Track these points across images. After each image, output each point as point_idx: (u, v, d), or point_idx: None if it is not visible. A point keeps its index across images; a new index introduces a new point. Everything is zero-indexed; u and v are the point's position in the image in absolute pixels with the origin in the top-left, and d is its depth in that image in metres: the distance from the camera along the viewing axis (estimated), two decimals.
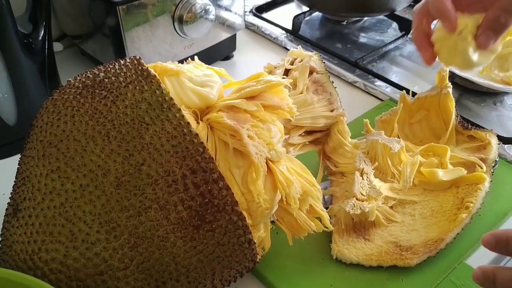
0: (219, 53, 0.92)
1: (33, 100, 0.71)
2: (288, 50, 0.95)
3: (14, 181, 0.48)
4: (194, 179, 0.43)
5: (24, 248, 0.44)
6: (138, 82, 0.45)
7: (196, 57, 0.53)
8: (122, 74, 0.46)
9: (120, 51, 0.77)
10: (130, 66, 0.46)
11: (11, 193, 0.47)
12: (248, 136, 0.45)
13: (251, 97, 0.48)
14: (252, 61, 0.95)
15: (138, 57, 0.47)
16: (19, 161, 0.48)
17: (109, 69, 0.47)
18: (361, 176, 0.59)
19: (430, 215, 0.59)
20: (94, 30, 0.82)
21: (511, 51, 0.77)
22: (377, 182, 0.60)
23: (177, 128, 0.43)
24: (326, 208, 0.61)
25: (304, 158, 0.65)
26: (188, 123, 0.43)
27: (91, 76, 0.46)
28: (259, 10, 1.07)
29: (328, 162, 0.63)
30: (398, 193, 0.61)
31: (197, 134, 0.43)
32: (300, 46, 0.64)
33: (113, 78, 0.45)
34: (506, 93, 0.82)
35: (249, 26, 1.02)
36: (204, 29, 0.82)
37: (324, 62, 0.63)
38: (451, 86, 0.67)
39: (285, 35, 0.99)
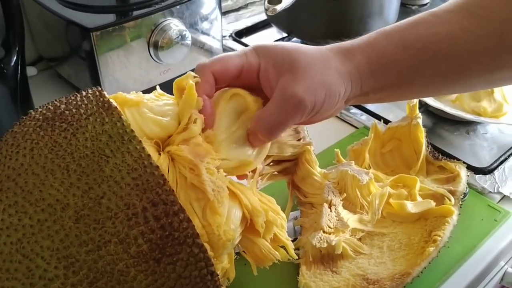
0: None
1: (4, 125, 0.71)
2: None
3: None
4: (155, 212, 0.42)
5: None
6: (99, 114, 0.45)
7: (157, 87, 0.53)
8: (83, 106, 0.45)
9: (94, 77, 0.77)
10: (91, 98, 0.46)
11: None
12: (208, 170, 0.45)
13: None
14: None
15: (100, 89, 0.47)
16: None
17: (70, 100, 0.46)
18: (329, 208, 0.59)
19: (398, 248, 0.59)
20: (69, 55, 0.83)
21: None
22: (345, 214, 0.60)
23: (138, 160, 0.43)
24: (295, 239, 0.61)
25: (275, 187, 0.65)
26: (149, 155, 0.43)
27: (52, 108, 0.46)
28: (239, 35, 1.08)
29: (297, 192, 0.63)
30: (366, 225, 0.61)
31: (157, 166, 0.43)
32: None
33: (74, 110, 0.45)
34: (479, 122, 0.83)
35: (228, 50, 1.02)
36: (180, 55, 0.82)
37: None
38: (421, 117, 0.68)
39: None
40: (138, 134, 0.45)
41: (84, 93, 0.48)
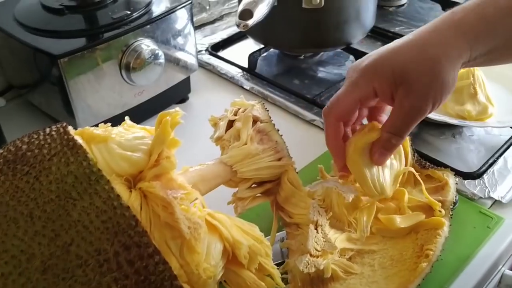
0: (173, 97, 0.89)
1: None
2: (245, 89, 0.94)
3: None
4: (128, 256, 0.40)
5: None
6: (64, 153, 0.42)
7: (127, 118, 0.50)
8: (46, 145, 0.43)
9: (66, 104, 0.74)
10: (55, 136, 0.43)
11: None
12: (182, 207, 0.42)
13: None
14: (208, 102, 0.92)
15: (64, 125, 0.45)
16: None
17: (32, 140, 0.44)
18: (316, 228, 0.57)
19: (390, 265, 0.57)
20: (39, 82, 0.80)
21: (466, 84, 0.76)
22: (333, 234, 0.57)
23: (107, 201, 0.41)
24: (283, 262, 0.59)
25: (260, 208, 0.63)
26: (118, 195, 0.41)
27: (13, 149, 0.43)
28: (215, 48, 1.05)
29: (282, 213, 0.61)
30: (356, 243, 0.58)
31: (128, 207, 0.41)
32: (242, 96, 0.62)
33: (36, 150, 0.43)
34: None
35: (204, 66, 1.00)
36: (153, 75, 0.80)
37: (267, 110, 0.60)
38: None
39: (241, 73, 0.97)
40: (106, 172, 0.42)
41: (48, 130, 0.45)
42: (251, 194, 0.58)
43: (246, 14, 0.65)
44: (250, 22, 0.64)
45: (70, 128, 0.45)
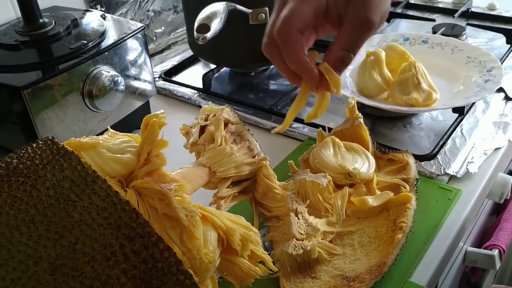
0: (134, 122, 0.91)
1: None
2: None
3: None
4: (133, 247, 0.42)
5: None
6: (56, 161, 0.44)
7: (109, 127, 0.53)
8: (37, 156, 0.44)
9: (31, 137, 0.74)
10: (44, 148, 0.45)
11: None
12: (177, 198, 0.45)
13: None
14: (169, 124, 0.94)
15: (51, 137, 0.46)
16: None
17: (21, 154, 0.45)
18: (296, 216, 0.60)
19: (369, 242, 0.61)
20: (1, 120, 0.79)
21: (410, 76, 0.83)
22: (312, 219, 0.61)
23: (106, 199, 0.42)
24: (269, 254, 0.61)
25: (237, 209, 0.65)
26: (117, 192, 0.43)
27: (3, 165, 0.44)
28: (168, 74, 1.08)
29: (261, 209, 0.64)
30: (334, 226, 0.62)
31: (127, 201, 0.43)
32: (210, 102, 0.66)
33: (28, 162, 0.44)
34: (412, 115, 0.88)
35: (161, 91, 1.02)
36: (116, 101, 0.82)
37: (237, 113, 0.64)
38: (362, 116, 0.71)
39: (198, 94, 1.00)
40: (100, 174, 0.44)
41: (34, 145, 0.47)
42: (231, 193, 0.61)
43: (203, 28, 0.69)
44: (208, 34, 0.68)
45: (57, 140, 0.47)
